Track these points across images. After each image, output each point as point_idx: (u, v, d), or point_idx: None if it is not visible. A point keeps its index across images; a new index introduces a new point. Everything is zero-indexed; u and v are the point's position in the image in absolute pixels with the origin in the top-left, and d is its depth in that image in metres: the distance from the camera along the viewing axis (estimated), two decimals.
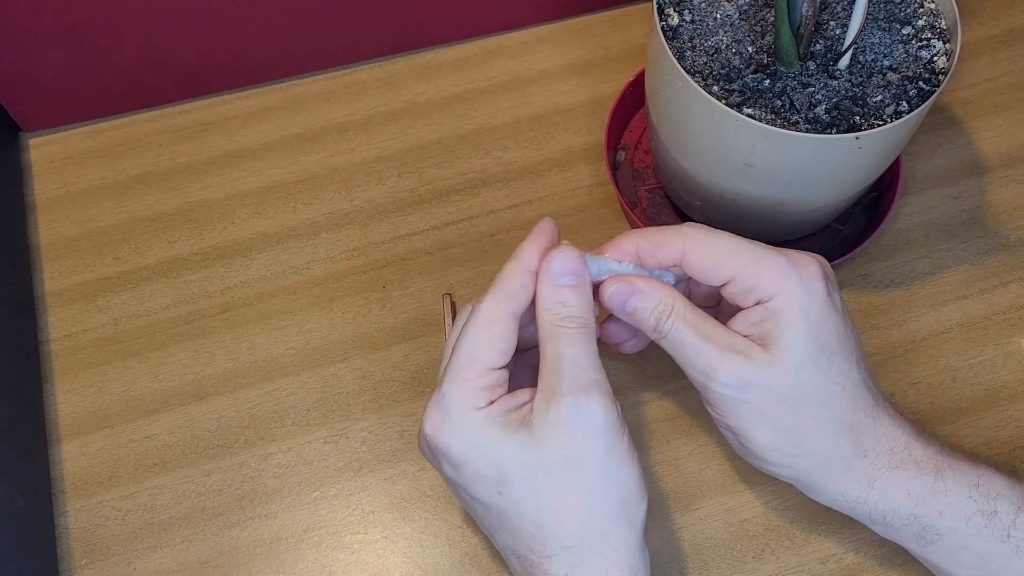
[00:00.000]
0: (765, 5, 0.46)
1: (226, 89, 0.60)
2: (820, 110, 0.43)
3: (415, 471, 0.49)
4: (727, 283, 0.40)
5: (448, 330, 0.51)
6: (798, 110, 0.43)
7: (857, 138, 0.41)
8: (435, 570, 0.47)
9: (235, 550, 0.48)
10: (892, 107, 0.43)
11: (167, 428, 0.51)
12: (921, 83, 0.44)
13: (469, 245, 0.55)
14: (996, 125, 0.59)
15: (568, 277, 0.40)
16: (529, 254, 0.41)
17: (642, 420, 0.50)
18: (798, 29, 0.43)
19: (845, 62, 0.44)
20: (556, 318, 0.40)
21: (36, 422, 0.50)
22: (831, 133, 0.42)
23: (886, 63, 0.44)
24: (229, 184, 0.58)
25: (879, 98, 0.43)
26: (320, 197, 0.57)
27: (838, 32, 0.45)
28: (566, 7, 0.62)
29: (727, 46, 0.45)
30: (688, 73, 0.43)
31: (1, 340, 0.49)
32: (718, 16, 0.46)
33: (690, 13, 0.46)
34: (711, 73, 0.44)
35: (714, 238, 0.41)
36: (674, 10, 0.46)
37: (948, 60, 0.44)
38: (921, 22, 0.45)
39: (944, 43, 0.45)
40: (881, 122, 0.43)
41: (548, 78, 0.61)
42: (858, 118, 0.43)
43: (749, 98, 0.43)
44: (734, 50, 0.45)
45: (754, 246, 0.41)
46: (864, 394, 0.41)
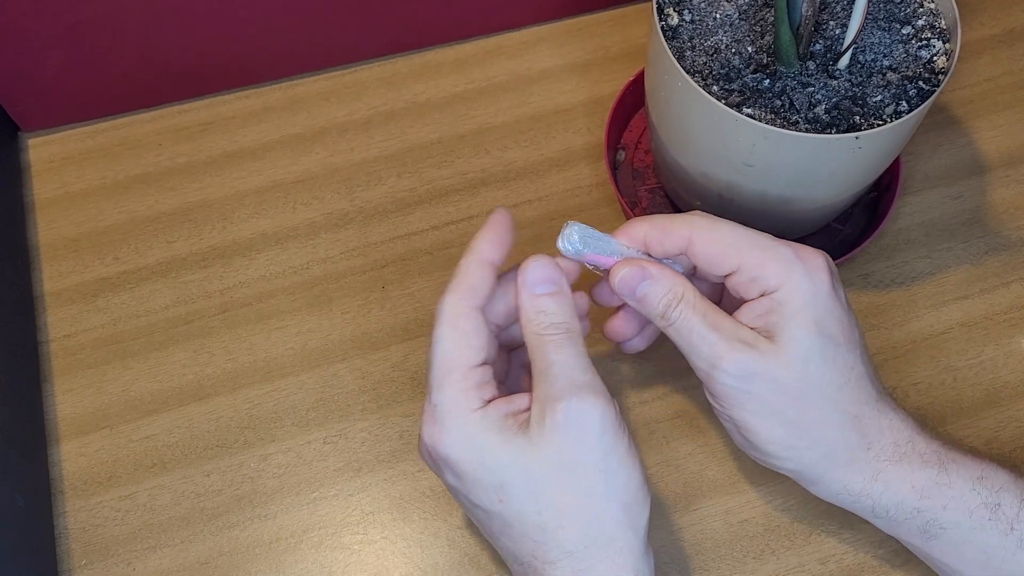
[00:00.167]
0: (765, 5, 0.46)
1: (226, 89, 0.60)
2: (820, 110, 0.43)
3: (415, 471, 0.49)
4: (732, 273, 0.40)
5: None
6: (798, 110, 0.43)
7: (857, 138, 0.41)
8: (435, 571, 0.47)
9: (234, 551, 0.48)
10: (892, 107, 0.43)
11: (166, 428, 0.51)
12: (921, 83, 0.44)
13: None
14: (996, 125, 0.59)
15: (544, 286, 0.40)
16: (484, 245, 0.41)
17: (642, 420, 0.50)
18: (798, 29, 0.43)
19: (845, 62, 0.44)
20: (540, 327, 0.40)
21: (36, 422, 0.50)
22: (831, 133, 0.42)
23: (886, 63, 0.44)
24: (228, 184, 0.58)
25: (879, 98, 0.43)
26: (320, 197, 0.57)
27: (838, 32, 0.45)
28: (566, 7, 0.62)
29: (727, 46, 0.45)
30: (688, 73, 0.43)
31: (1, 340, 0.49)
32: (718, 16, 0.46)
33: (690, 13, 0.46)
34: (711, 73, 0.44)
35: (721, 227, 0.41)
36: (674, 10, 0.46)
37: (948, 60, 0.44)
38: (921, 22, 0.45)
39: (944, 43, 0.45)
40: (881, 122, 0.43)
41: (548, 78, 0.61)
42: (858, 118, 0.43)
43: (749, 98, 0.43)
44: (734, 50, 0.45)
45: (760, 237, 0.41)
46: (868, 386, 0.41)
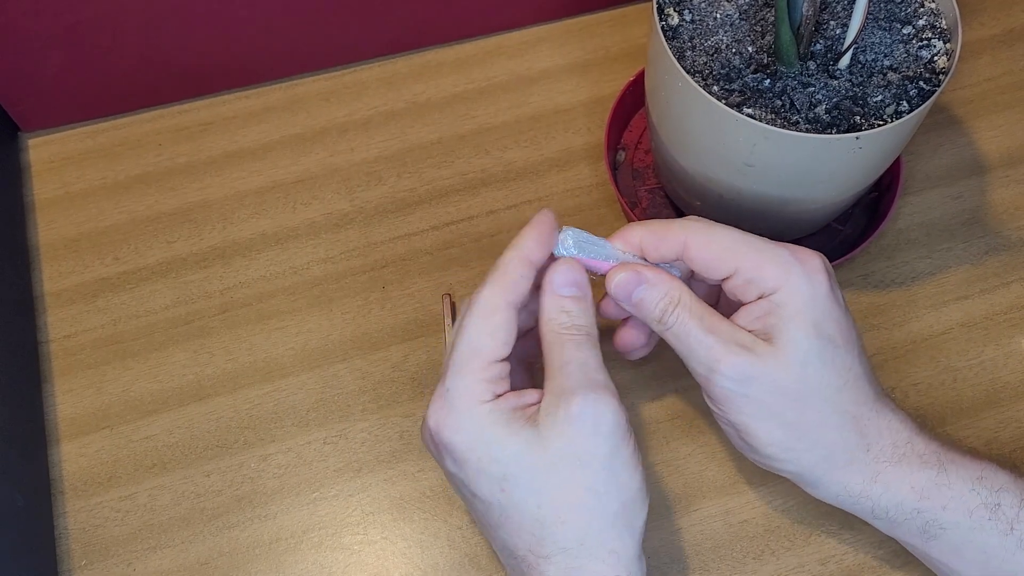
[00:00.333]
0: (765, 5, 0.46)
1: (226, 89, 0.60)
2: (820, 110, 0.43)
3: (415, 472, 0.49)
4: (729, 276, 0.40)
5: (448, 331, 0.51)
6: (798, 110, 0.43)
7: (857, 138, 0.41)
8: (435, 571, 0.47)
9: (234, 551, 0.48)
10: (892, 107, 0.43)
11: (166, 429, 0.51)
12: (921, 83, 0.44)
13: (469, 245, 0.55)
14: (997, 125, 0.59)
15: (570, 288, 0.41)
16: (529, 242, 0.41)
17: (642, 420, 0.50)
18: (798, 29, 0.43)
19: (845, 62, 0.44)
20: (560, 326, 0.40)
21: (36, 422, 0.50)
22: (831, 133, 0.42)
23: (886, 63, 0.44)
24: (229, 184, 0.58)
25: (879, 98, 0.43)
26: (320, 197, 0.57)
27: (838, 32, 0.45)
28: (566, 7, 0.62)
29: (727, 46, 0.45)
30: (688, 73, 0.43)
31: (1, 340, 0.49)
32: (718, 16, 0.46)
33: (690, 13, 0.46)
34: (711, 73, 0.44)
35: (717, 231, 0.41)
36: (674, 10, 0.46)
37: (948, 60, 0.44)
38: (921, 22, 0.45)
39: (944, 43, 0.45)
40: (881, 122, 0.43)
41: (548, 78, 0.61)
42: (858, 118, 0.43)
43: (749, 98, 0.43)
44: (734, 50, 0.45)
45: (756, 240, 0.41)
46: (866, 388, 0.41)
